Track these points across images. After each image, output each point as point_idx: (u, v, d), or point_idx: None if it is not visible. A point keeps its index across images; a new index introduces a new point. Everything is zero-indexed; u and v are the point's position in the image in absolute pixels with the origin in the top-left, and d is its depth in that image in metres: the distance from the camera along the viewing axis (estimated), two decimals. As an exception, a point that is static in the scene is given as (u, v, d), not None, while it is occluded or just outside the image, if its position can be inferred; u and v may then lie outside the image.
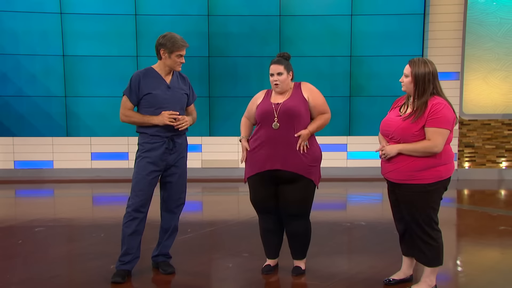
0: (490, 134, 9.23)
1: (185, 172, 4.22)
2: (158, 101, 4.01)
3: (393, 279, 3.94)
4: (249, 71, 9.09)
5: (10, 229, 5.89)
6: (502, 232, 5.57)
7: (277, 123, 3.90)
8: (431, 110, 3.49)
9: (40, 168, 9.25)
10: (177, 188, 4.16)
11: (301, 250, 4.16)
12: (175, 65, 4.08)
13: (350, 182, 8.89)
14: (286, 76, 3.98)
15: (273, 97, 4.03)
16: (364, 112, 9.20)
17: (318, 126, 3.96)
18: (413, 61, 3.60)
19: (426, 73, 3.53)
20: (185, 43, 4.12)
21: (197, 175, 8.99)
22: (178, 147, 4.10)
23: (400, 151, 3.56)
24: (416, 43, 9.04)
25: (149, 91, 4.01)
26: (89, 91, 9.06)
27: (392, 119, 3.67)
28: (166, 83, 4.07)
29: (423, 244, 3.64)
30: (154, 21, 9.00)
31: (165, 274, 4.15)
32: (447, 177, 3.60)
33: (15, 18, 8.92)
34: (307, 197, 3.99)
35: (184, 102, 4.15)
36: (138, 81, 4.03)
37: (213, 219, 6.37)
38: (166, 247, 4.27)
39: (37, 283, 4.03)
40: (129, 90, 4.05)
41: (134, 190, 4.02)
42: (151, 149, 4.01)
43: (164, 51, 4.03)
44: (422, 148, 3.50)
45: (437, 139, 3.47)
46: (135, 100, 4.05)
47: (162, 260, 4.25)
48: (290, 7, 9.14)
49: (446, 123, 3.49)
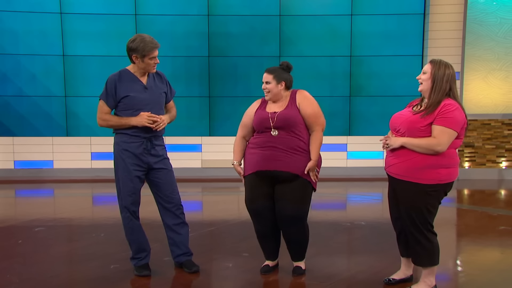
0: (490, 134, 9.23)
1: (171, 171, 4.17)
2: (136, 103, 3.99)
3: (393, 278, 3.95)
4: (249, 71, 9.09)
5: (10, 229, 5.89)
6: (502, 232, 5.57)
7: (275, 130, 3.91)
8: (442, 109, 3.48)
9: (40, 168, 9.24)
10: (167, 187, 4.11)
11: (299, 253, 4.16)
12: (149, 68, 4.02)
13: (350, 182, 8.88)
14: (274, 86, 3.97)
15: (269, 106, 4.03)
16: (364, 112, 9.19)
17: (317, 149, 3.95)
18: (434, 61, 3.62)
19: (445, 74, 3.54)
20: (156, 44, 3.97)
21: (197, 175, 8.99)
22: (158, 149, 4.08)
23: (404, 144, 3.54)
24: (416, 43, 9.04)
25: (126, 93, 3.99)
26: (89, 91, 9.05)
27: (403, 113, 3.68)
28: (143, 84, 4.04)
29: (417, 245, 3.63)
30: (154, 21, 9.00)
31: (190, 272, 4.17)
32: (448, 181, 3.56)
33: (15, 18, 8.92)
34: (303, 197, 3.96)
35: (162, 102, 4.12)
36: (114, 84, 4.01)
37: (213, 219, 6.37)
38: (182, 244, 4.23)
39: (37, 283, 4.03)
40: (105, 94, 4.04)
41: (123, 192, 4.02)
42: (128, 149, 4.01)
43: (136, 56, 3.96)
44: (425, 145, 3.49)
45: (443, 138, 3.46)
46: (112, 103, 4.04)
47: (185, 259, 4.24)
48: (290, 7, 9.14)
49: (454, 124, 3.47)
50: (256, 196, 4.01)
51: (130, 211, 4.02)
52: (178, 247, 4.22)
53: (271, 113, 3.95)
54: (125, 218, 4.05)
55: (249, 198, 4.06)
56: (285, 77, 4.00)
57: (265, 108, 4.03)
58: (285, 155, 3.89)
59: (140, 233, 4.11)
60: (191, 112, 9.14)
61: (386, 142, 3.63)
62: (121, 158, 4.04)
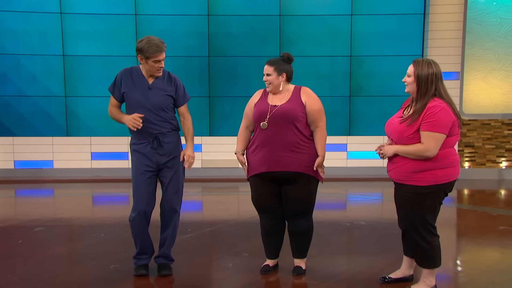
0: (490, 134, 9.23)
1: (179, 174, 4.11)
2: (134, 101, 4.00)
3: (389, 277, 3.95)
4: (249, 71, 9.08)
5: (10, 229, 5.89)
6: (502, 232, 5.57)
7: (265, 123, 3.90)
8: (426, 113, 3.46)
9: (40, 168, 9.24)
10: (169, 190, 4.08)
11: (303, 248, 4.16)
12: (153, 71, 3.99)
13: (350, 182, 8.89)
14: (275, 78, 3.97)
15: (270, 98, 4.03)
16: (364, 112, 9.19)
17: (324, 145, 3.98)
18: (417, 61, 3.58)
19: (429, 74, 3.50)
20: (161, 47, 3.91)
21: (197, 175, 8.98)
22: (166, 146, 4.05)
23: (396, 152, 3.57)
24: (416, 43, 9.04)
25: (126, 90, 4.01)
26: (89, 91, 9.05)
27: (393, 120, 3.68)
28: (148, 83, 4.03)
29: (416, 245, 3.65)
30: (154, 21, 8.99)
31: (159, 275, 4.14)
32: (446, 181, 3.54)
33: (15, 18, 8.91)
34: (310, 193, 4.00)
35: (165, 104, 4.05)
36: (121, 78, 4.04)
37: (213, 219, 6.37)
38: (162, 246, 4.21)
39: (37, 283, 4.03)
40: (113, 86, 4.08)
41: (134, 191, 4.06)
42: (137, 149, 4.03)
43: (141, 57, 3.95)
44: (414, 151, 3.49)
45: (430, 143, 3.44)
46: (118, 96, 4.06)
47: (159, 262, 4.22)
48: (290, 7, 9.13)
49: (440, 127, 3.43)
50: (262, 195, 4.05)
51: (138, 211, 4.01)
52: (159, 247, 4.21)
53: (271, 106, 3.95)
54: (130, 218, 4.07)
55: (255, 198, 4.10)
56: (286, 68, 4.00)
57: (266, 99, 4.03)
58: (284, 154, 3.90)
59: (144, 236, 4.10)
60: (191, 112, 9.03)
61: (381, 152, 3.68)
62: (133, 159, 4.08)
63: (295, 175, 3.93)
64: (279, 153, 3.90)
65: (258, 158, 3.97)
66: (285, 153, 3.90)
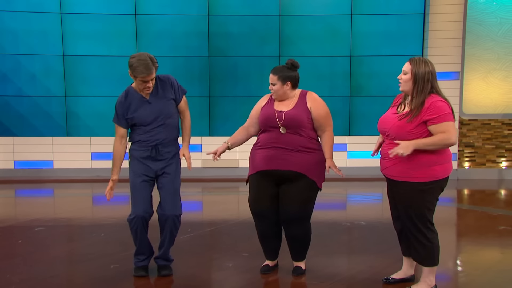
0: (490, 134, 9.23)
1: (177, 179, 4.15)
2: (143, 120, 4.03)
3: (392, 278, 3.95)
4: (249, 71, 9.08)
5: (10, 229, 5.89)
6: (502, 232, 5.58)
7: (284, 128, 3.92)
8: (430, 107, 3.49)
9: (40, 168, 9.24)
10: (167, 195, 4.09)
11: (301, 253, 4.16)
12: (141, 89, 3.99)
13: (350, 182, 8.89)
14: (280, 87, 3.97)
15: (276, 104, 4.03)
16: (364, 112, 9.19)
17: (331, 148, 4.04)
18: (413, 59, 3.63)
19: (426, 72, 3.55)
20: (148, 69, 3.84)
21: (197, 175, 8.97)
22: (165, 155, 4.09)
23: (416, 147, 3.47)
24: (416, 43, 9.03)
25: (132, 114, 4.04)
26: (89, 91, 9.05)
27: (389, 117, 3.69)
28: (145, 99, 4.04)
29: (417, 243, 3.65)
30: (154, 21, 8.98)
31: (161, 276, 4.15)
32: (443, 177, 3.58)
33: (15, 18, 8.91)
34: (308, 198, 3.97)
35: (170, 109, 4.09)
36: (121, 106, 4.05)
37: (213, 219, 6.37)
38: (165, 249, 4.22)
39: (37, 283, 4.03)
40: (116, 117, 4.11)
41: (131, 196, 4.10)
42: (137, 156, 4.09)
43: (131, 73, 3.94)
44: (439, 141, 3.48)
45: (451, 131, 3.48)
46: (124, 124, 4.09)
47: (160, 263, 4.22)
48: (290, 7, 9.13)
49: (449, 116, 3.50)
50: (260, 197, 4.02)
51: (136, 215, 4.04)
52: (159, 248, 4.22)
53: (278, 111, 3.96)
54: (129, 219, 4.08)
55: (253, 199, 4.06)
56: (291, 76, 3.99)
57: (273, 105, 4.03)
58: (289, 153, 3.90)
59: (142, 237, 4.10)
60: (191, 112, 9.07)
61: (397, 152, 3.45)
62: (131, 164, 4.14)
63: (296, 176, 3.92)
64: (284, 152, 3.91)
65: (261, 156, 3.98)
66: (290, 153, 3.91)
